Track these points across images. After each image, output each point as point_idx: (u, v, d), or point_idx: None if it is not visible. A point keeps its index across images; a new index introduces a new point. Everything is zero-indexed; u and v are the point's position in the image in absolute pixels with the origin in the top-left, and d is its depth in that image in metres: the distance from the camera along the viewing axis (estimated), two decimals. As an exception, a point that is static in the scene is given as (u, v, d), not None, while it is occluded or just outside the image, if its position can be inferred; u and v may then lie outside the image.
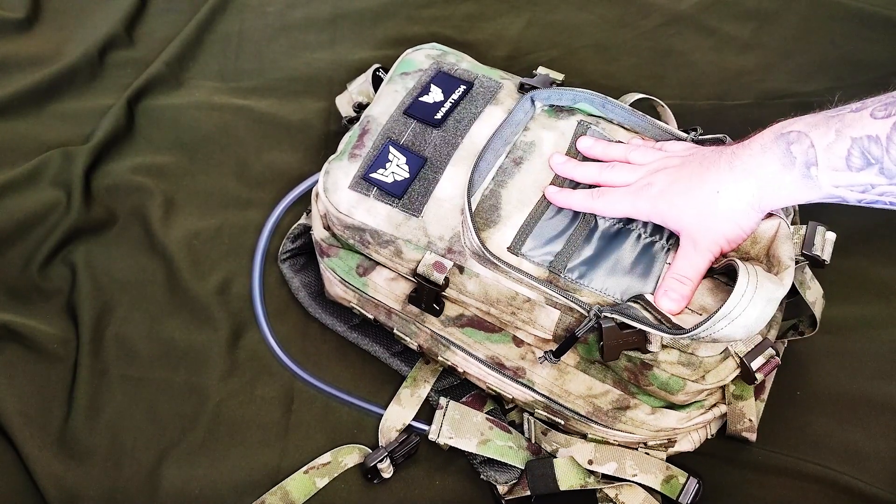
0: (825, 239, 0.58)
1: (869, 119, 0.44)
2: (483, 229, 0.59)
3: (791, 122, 0.49)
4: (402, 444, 0.64)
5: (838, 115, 0.46)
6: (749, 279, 0.49)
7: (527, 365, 0.60)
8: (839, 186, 0.47)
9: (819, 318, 0.63)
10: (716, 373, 0.54)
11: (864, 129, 0.44)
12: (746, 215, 0.52)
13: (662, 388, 0.55)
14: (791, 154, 0.48)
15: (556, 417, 0.62)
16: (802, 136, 0.47)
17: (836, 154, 0.46)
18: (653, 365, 0.54)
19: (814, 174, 0.47)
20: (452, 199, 0.60)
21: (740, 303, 0.49)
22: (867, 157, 0.44)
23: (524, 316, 0.58)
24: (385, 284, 0.63)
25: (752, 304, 0.49)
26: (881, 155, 0.44)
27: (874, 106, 0.45)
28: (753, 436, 0.62)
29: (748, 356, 0.53)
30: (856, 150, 0.45)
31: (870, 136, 0.44)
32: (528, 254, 0.58)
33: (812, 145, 0.47)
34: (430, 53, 0.70)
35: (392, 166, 0.62)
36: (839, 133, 0.46)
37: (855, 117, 0.45)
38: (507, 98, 0.65)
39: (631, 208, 0.57)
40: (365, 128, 0.65)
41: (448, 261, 0.58)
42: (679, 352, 0.53)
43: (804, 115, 0.49)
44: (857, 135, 0.45)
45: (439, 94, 0.65)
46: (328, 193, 0.62)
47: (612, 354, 0.53)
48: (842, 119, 0.46)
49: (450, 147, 0.62)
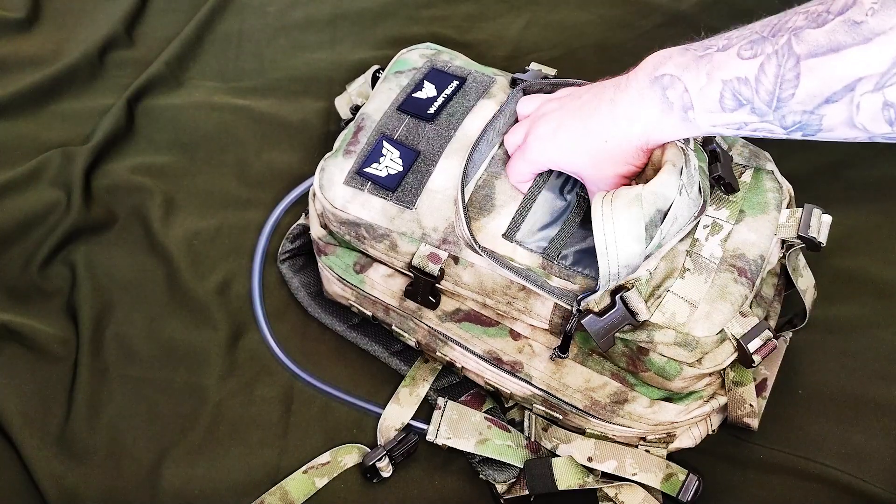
0: (821, 221, 0.58)
1: (736, 59, 0.45)
2: (477, 218, 0.59)
3: (662, 62, 0.49)
4: (401, 442, 0.64)
5: (707, 55, 0.47)
6: (600, 198, 0.51)
7: (524, 359, 0.60)
8: (716, 126, 0.48)
9: (810, 308, 0.63)
10: (713, 356, 0.54)
11: (733, 70, 0.45)
12: (635, 155, 0.53)
13: (659, 374, 0.55)
14: (668, 99, 0.48)
15: (555, 412, 0.62)
16: (676, 81, 0.48)
17: (708, 97, 0.46)
18: (649, 349, 0.54)
19: (691, 117, 0.48)
20: (446, 190, 0.60)
21: (603, 221, 0.51)
22: (738, 98, 0.45)
23: (520, 305, 0.58)
24: (382, 281, 0.63)
25: (616, 215, 0.50)
26: (751, 96, 0.44)
27: (740, 44, 0.45)
28: (755, 422, 0.61)
29: (745, 338, 0.53)
30: (727, 92, 0.45)
31: (739, 77, 0.44)
32: (523, 241, 0.58)
33: (686, 90, 0.47)
34: (425, 53, 0.70)
35: (386, 160, 0.62)
36: (710, 76, 0.46)
37: (723, 58, 0.46)
38: (500, 92, 0.65)
39: (525, 165, 0.58)
40: (360, 125, 0.66)
41: (443, 252, 0.58)
42: (675, 332, 0.53)
43: (673, 51, 0.49)
44: (727, 77, 0.45)
45: (432, 90, 0.66)
46: (324, 190, 0.62)
47: (605, 343, 0.54)
48: (711, 60, 0.46)
49: (443, 140, 0.62)
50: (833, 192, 0.75)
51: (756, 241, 0.57)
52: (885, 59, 0.39)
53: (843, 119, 0.42)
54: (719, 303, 0.54)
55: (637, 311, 0.53)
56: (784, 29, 0.42)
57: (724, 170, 0.58)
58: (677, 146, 0.53)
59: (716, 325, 0.53)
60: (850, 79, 0.40)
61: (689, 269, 0.55)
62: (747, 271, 0.55)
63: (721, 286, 0.55)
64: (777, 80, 0.43)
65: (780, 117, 0.44)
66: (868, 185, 0.77)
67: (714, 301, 0.54)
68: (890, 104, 0.40)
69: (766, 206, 0.59)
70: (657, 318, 0.53)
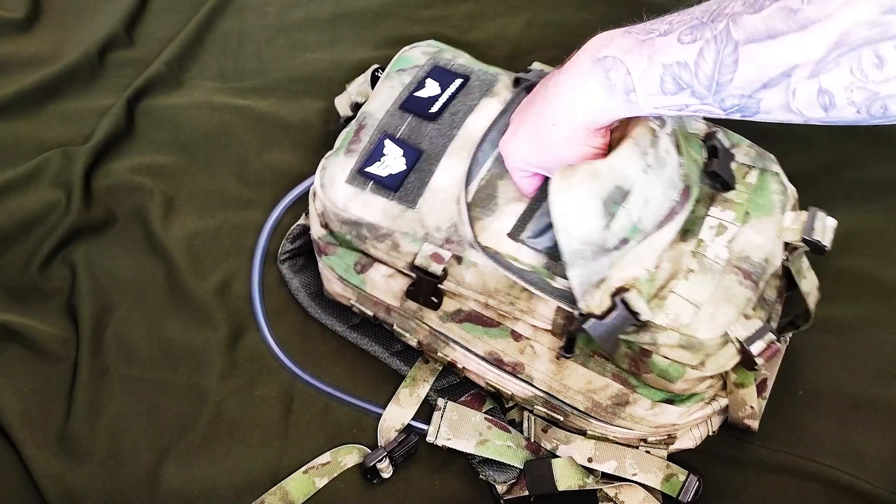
0: (826, 225, 0.57)
1: (677, 44, 0.45)
2: (480, 218, 0.58)
3: (605, 44, 0.49)
4: (402, 443, 0.64)
5: (648, 40, 0.47)
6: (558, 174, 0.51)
7: (525, 360, 0.60)
8: (658, 108, 0.48)
9: (813, 310, 0.63)
10: (716, 359, 0.54)
11: (673, 55, 0.45)
12: (588, 137, 0.53)
13: (662, 376, 0.55)
14: (610, 81, 0.48)
15: (556, 413, 0.62)
16: (618, 63, 0.48)
17: (650, 81, 0.46)
18: (652, 351, 0.54)
19: (633, 99, 0.48)
20: (448, 190, 0.60)
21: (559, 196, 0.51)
22: (678, 82, 0.45)
23: (522, 305, 0.57)
24: (383, 281, 0.63)
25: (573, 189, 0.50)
26: (691, 80, 0.44)
27: (680, 29, 0.45)
28: (755, 423, 0.61)
29: (748, 340, 0.53)
30: (668, 76, 0.45)
31: (679, 62, 0.45)
32: (528, 240, 0.57)
33: (628, 72, 0.47)
34: (427, 50, 0.70)
35: (388, 160, 0.62)
36: (651, 59, 0.46)
37: (664, 42, 0.46)
38: (504, 90, 0.65)
39: (517, 174, 0.58)
40: (361, 123, 0.65)
41: (446, 251, 0.58)
42: (679, 334, 0.53)
43: (615, 34, 0.50)
44: (667, 61, 0.45)
45: (435, 88, 0.66)
46: (325, 189, 0.62)
47: (610, 346, 0.53)
48: (652, 44, 0.46)
49: (445, 139, 0.62)
50: (833, 192, 0.75)
51: (761, 243, 0.57)
52: (821, 47, 0.39)
53: (779, 103, 0.42)
54: (723, 305, 0.54)
55: (639, 311, 0.52)
56: (723, 14, 0.43)
57: (720, 166, 0.58)
58: (647, 125, 0.53)
59: (719, 327, 0.53)
60: (786, 65, 0.40)
61: (693, 270, 0.55)
62: (752, 274, 0.55)
63: (726, 288, 0.54)
64: (716, 66, 0.43)
65: (720, 100, 0.44)
66: (868, 185, 0.77)
67: (718, 303, 0.54)
68: (825, 91, 0.40)
69: (771, 209, 0.58)
70: (661, 320, 0.53)
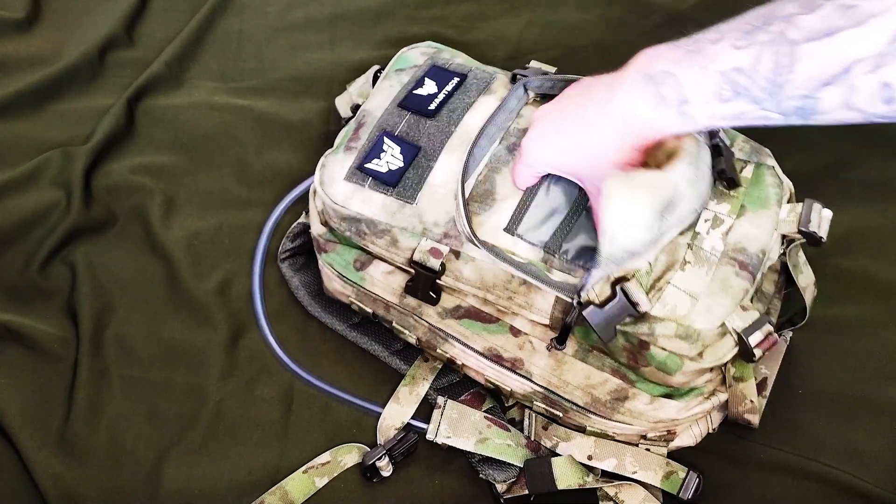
0: (822, 216, 0.58)
1: (731, 50, 0.45)
2: (478, 213, 0.59)
3: (653, 59, 0.49)
4: (401, 441, 0.64)
5: (699, 50, 0.47)
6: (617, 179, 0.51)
7: (524, 355, 0.60)
8: (713, 117, 0.48)
9: (810, 306, 0.63)
10: (713, 350, 0.54)
11: (729, 61, 0.45)
12: (629, 153, 0.53)
13: (660, 369, 0.55)
14: (662, 95, 0.48)
15: (555, 409, 0.62)
16: (669, 76, 0.48)
17: (705, 89, 0.46)
18: (650, 343, 0.54)
19: (687, 110, 0.48)
20: (446, 185, 0.60)
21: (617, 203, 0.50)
22: (735, 88, 0.45)
23: (520, 300, 0.58)
24: (382, 278, 0.63)
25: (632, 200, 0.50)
26: (749, 84, 0.44)
27: (733, 36, 0.45)
28: (756, 418, 0.61)
29: (746, 331, 0.53)
30: (724, 83, 0.45)
31: (735, 67, 0.45)
32: (525, 234, 0.58)
33: (681, 84, 0.47)
34: (426, 51, 0.71)
35: (386, 156, 0.62)
36: (704, 68, 0.46)
37: (717, 50, 0.46)
38: (501, 88, 0.66)
39: (528, 171, 0.58)
40: (360, 122, 0.66)
41: (444, 246, 0.58)
42: (676, 324, 0.53)
43: (663, 48, 0.49)
44: (722, 68, 0.45)
45: (433, 87, 0.66)
46: (324, 186, 0.63)
47: (607, 334, 0.54)
48: (704, 53, 0.46)
49: (443, 135, 0.63)
50: (833, 192, 0.75)
51: (757, 235, 0.57)
52: (881, 40, 0.39)
53: (840, 101, 0.42)
54: (720, 296, 0.54)
55: (637, 302, 0.53)
56: (776, 18, 0.43)
57: (726, 164, 0.58)
58: (694, 136, 0.53)
59: (717, 318, 0.53)
60: (847, 61, 0.40)
61: (689, 261, 0.55)
62: (748, 265, 0.55)
63: (722, 279, 0.55)
64: (774, 67, 0.43)
65: (778, 103, 0.44)
66: (868, 185, 0.77)
67: (715, 294, 0.54)
68: (887, 84, 0.40)
69: (766, 202, 0.59)
70: (658, 311, 0.53)
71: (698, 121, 0.48)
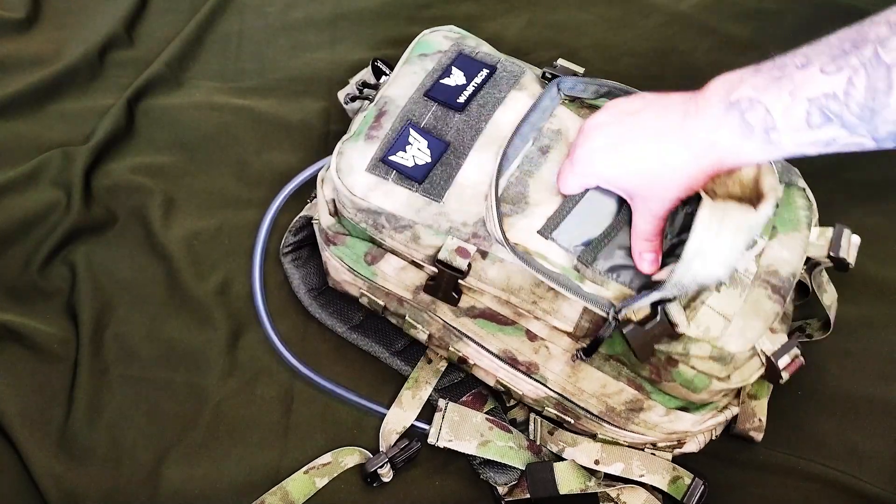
0: (850, 242, 0.57)
1: (821, 76, 0.44)
2: (510, 215, 0.57)
3: (735, 86, 0.48)
4: (403, 450, 0.64)
5: (786, 75, 0.45)
6: (712, 210, 0.49)
7: (540, 360, 0.59)
8: (801, 145, 0.46)
9: (833, 320, 0.63)
10: (741, 372, 0.54)
11: (819, 87, 0.44)
12: (700, 180, 0.52)
13: (686, 386, 0.54)
14: (748, 123, 0.47)
15: (567, 416, 0.61)
16: (755, 103, 0.46)
17: (794, 116, 0.45)
18: (680, 361, 0.53)
19: (775, 139, 0.47)
20: (476, 186, 0.58)
21: (707, 234, 0.48)
22: (826, 114, 0.44)
23: (546, 305, 0.56)
24: (394, 273, 0.61)
25: (721, 233, 0.48)
26: (841, 110, 0.43)
27: (821, 60, 0.44)
28: (760, 435, 0.61)
29: (775, 355, 0.53)
30: (814, 109, 0.44)
31: (826, 93, 0.43)
32: (559, 239, 0.56)
33: (768, 111, 0.46)
34: (449, 35, 0.68)
35: (412, 150, 0.60)
36: (793, 95, 0.45)
37: (805, 75, 0.44)
38: (531, 84, 0.63)
39: (577, 180, 0.56)
40: (382, 109, 0.63)
41: (471, 246, 0.56)
42: (710, 346, 0.52)
43: (743, 74, 0.48)
44: (812, 94, 0.44)
45: (461, 78, 0.63)
46: (342, 175, 0.59)
47: (644, 353, 0.53)
48: (791, 79, 0.45)
49: (473, 132, 0.60)
50: (833, 192, 0.75)
51: (788, 258, 0.56)
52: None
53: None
54: (752, 318, 0.53)
55: (677, 323, 0.52)
56: (867, 40, 0.42)
57: None
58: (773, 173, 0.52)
59: (749, 340, 0.53)
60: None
61: (724, 282, 0.54)
62: (780, 288, 0.55)
63: (755, 301, 0.54)
64: (868, 92, 0.42)
65: (873, 129, 0.43)
66: (868, 185, 0.77)
67: (748, 316, 0.53)
68: None
69: (797, 224, 0.58)
70: (692, 331, 0.52)
71: (785, 149, 0.47)
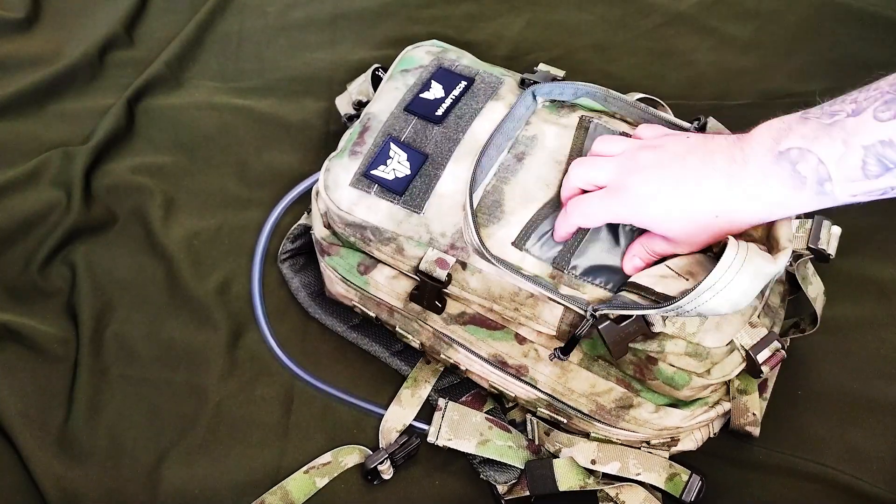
0: (831, 233, 0.57)
1: (874, 122, 0.42)
2: (486, 225, 0.58)
3: (784, 134, 0.46)
4: (403, 446, 0.64)
5: (836, 123, 0.44)
6: (738, 252, 0.48)
7: (529, 363, 0.60)
8: (856, 195, 0.45)
9: (820, 314, 0.63)
10: (721, 367, 0.54)
11: (874, 134, 0.42)
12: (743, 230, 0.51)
13: (668, 384, 0.55)
14: (799, 174, 0.45)
15: (559, 416, 0.62)
16: (806, 154, 0.45)
17: (849, 166, 0.43)
18: (658, 359, 0.54)
19: (828, 189, 0.45)
20: (454, 196, 0.59)
21: (726, 275, 0.48)
22: (884, 163, 0.42)
23: (527, 312, 0.57)
24: (386, 283, 0.62)
25: (739, 276, 0.48)
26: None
27: (874, 106, 0.42)
28: (757, 430, 0.61)
29: (754, 349, 0.53)
30: (871, 158, 0.42)
31: (882, 141, 0.42)
32: (532, 249, 0.57)
33: (821, 161, 0.44)
34: (431, 50, 0.70)
35: (393, 163, 0.62)
36: (847, 143, 0.43)
37: (857, 123, 0.43)
38: (509, 94, 0.65)
39: (608, 215, 0.54)
40: (365, 125, 0.65)
41: (451, 257, 0.58)
42: (686, 342, 0.53)
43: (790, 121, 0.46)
44: (867, 143, 0.42)
45: (440, 91, 0.65)
46: (329, 191, 0.62)
47: (619, 351, 0.53)
48: (843, 127, 0.43)
49: (451, 143, 0.62)
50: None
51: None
52: None
53: None
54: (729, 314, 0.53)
55: (652, 323, 0.52)
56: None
57: None
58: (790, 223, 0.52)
59: (726, 335, 0.53)
60: None
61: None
62: None
63: None
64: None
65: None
66: (868, 185, 0.77)
67: None
68: None
69: None
70: (668, 329, 0.53)
71: (839, 199, 0.45)
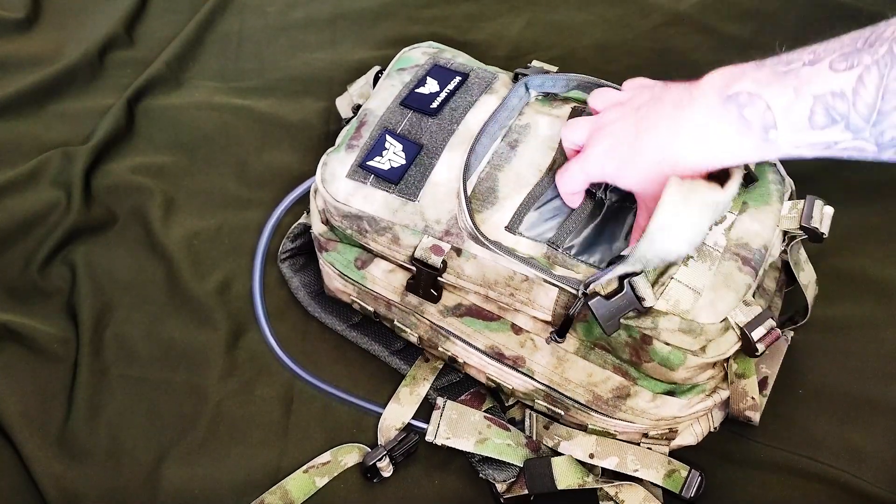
0: (823, 213, 0.57)
1: (829, 72, 0.41)
2: (480, 211, 0.59)
3: (735, 78, 0.45)
4: (402, 442, 0.64)
5: (792, 71, 0.43)
6: (678, 187, 0.48)
7: (526, 353, 0.60)
8: (799, 146, 0.44)
9: (811, 303, 0.63)
10: (716, 345, 0.54)
11: (827, 84, 0.41)
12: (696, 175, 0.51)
13: (663, 364, 0.55)
14: (745, 119, 0.44)
15: (557, 407, 0.62)
16: (755, 98, 0.44)
17: (796, 115, 0.43)
18: (653, 336, 0.54)
19: (773, 137, 0.44)
20: (449, 183, 0.60)
21: (673, 209, 0.48)
22: (831, 114, 0.42)
23: (522, 296, 0.58)
24: (383, 276, 0.63)
25: (687, 209, 0.48)
26: (847, 110, 0.41)
27: (831, 57, 0.42)
28: (757, 416, 0.61)
29: (748, 326, 0.53)
30: (819, 108, 0.42)
31: (834, 91, 0.41)
32: (526, 232, 0.58)
33: (768, 108, 0.43)
34: (427, 51, 0.71)
35: (389, 154, 0.62)
36: (798, 91, 0.42)
37: (812, 72, 0.42)
38: (502, 87, 0.66)
39: (581, 175, 0.55)
40: (362, 120, 0.66)
41: (445, 244, 0.58)
42: (680, 318, 0.53)
43: (745, 67, 0.46)
44: (819, 92, 0.41)
45: (435, 86, 0.66)
46: (326, 184, 0.63)
47: (611, 326, 0.53)
48: (798, 75, 0.42)
49: (445, 133, 0.63)
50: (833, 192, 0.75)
51: (759, 230, 0.57)
52: None
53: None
54: (723, 291, 0.54)
55: (643, 297, 0.53)
56: (882, 39, 0.40)
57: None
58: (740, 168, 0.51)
59: (720, 312, 0.53)
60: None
61: (692, 256, 0.55)
62: (751, 260, 0.55)
63: (725, 274, 0.55)
64: (879, 92, 0.40)
65: (878, 133, 0.41)
66: (868, 185, 0.77)
67: (718, 289, 0.54)
68: None
69: (768, 198, 0.59)
70: (661, 306, 0.53)
71: (782, 149, 0.45)
